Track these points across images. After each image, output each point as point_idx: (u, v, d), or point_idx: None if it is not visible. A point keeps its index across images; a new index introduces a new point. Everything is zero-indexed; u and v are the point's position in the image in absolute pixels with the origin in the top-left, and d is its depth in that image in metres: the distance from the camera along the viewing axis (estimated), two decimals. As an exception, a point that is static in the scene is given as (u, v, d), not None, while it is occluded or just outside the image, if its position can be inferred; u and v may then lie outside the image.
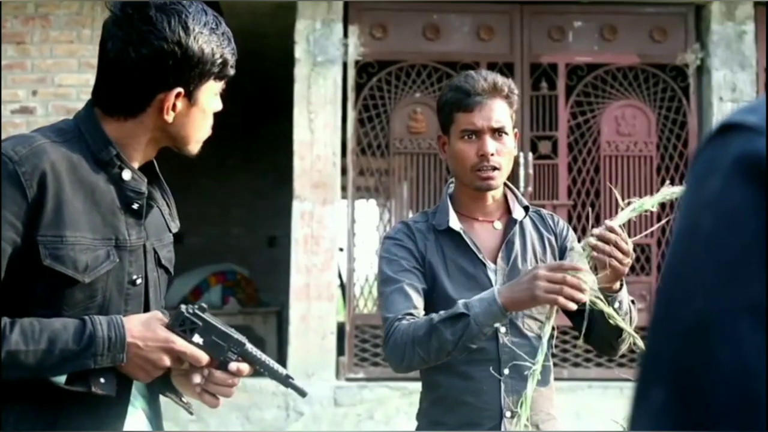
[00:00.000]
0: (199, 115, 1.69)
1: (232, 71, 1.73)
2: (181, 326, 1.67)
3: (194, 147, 1.74)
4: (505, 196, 2.42)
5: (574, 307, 2.04)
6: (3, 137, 5.87)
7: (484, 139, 2.28)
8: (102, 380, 1.59)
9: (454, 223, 2.34)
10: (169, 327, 1.66)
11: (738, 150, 0.61)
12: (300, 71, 5.77)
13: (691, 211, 0.64)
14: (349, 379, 5.66)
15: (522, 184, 5.77)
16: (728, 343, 0.57)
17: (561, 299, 2.02)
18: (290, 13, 5.84)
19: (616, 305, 2.22)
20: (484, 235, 2.37)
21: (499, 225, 2.39)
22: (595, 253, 2.14)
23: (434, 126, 5.91)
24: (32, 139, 1.60)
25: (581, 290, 2.02)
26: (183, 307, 1.68)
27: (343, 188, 5.96)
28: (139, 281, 1.68)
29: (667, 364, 0.61)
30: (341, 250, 5.99)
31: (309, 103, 5.77)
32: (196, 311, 1.68)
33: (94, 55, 6.62)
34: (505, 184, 2.40)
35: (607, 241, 2.15)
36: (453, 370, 2.25)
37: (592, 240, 2.16)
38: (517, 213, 2.39)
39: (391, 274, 2.30)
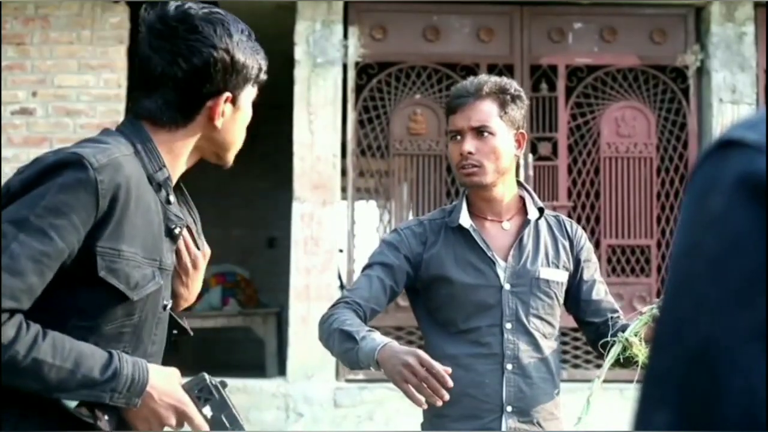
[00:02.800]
0: (241, 119, 1.75)
1: (265, 77, 1.78)
2: (199, 393, 1.65)
3: (232, 155, 1.79)
4: (520, 197, 2.49)
5: (422, 403, 2.06)
6: (3, 138, 5.86)
7: (465, 139, 2.37)
8: (106, 417, 1.56)
9: (465, 220, 2.42)
10: (186, 389, 1.64)
11: (739, 168, 0.60)
12: (300, 72, 5.77)
13: (692, 229, 0.63)
14: (348, 381, 5.66)
15: (525, 184, 5.77)
16: (737, 370, 0.57)
17: (410, 391, 2.04)
18: (290, 14, 5.84)
19: None
20: (495, 234, 2.44)
21: (508, 225, 2.46)
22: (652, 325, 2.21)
23: (434, 127, 5.92)
24: (109, 150, 1.59)
25: (438, 396, 2.04)
26: (207, 376, 1.67)
27: (343, 189, 5.96)
28: (168, 306, 1.70)
29: (672, 387, 0.60)
30: (341, 251, 5.99)
31: (309, 104, 5.77)
32: (218, 384, 1.67)
33: (94, 56, 6.59)
34: (521, 185, 2.50)
35: None
36: (457, 362, 2.30)
37: (658, 312, 2.19)
38: (532, 214, 2.45)
39: (374, 260, 2.43)
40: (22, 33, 5.79)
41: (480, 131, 2.37)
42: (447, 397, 2.04)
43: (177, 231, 1.69)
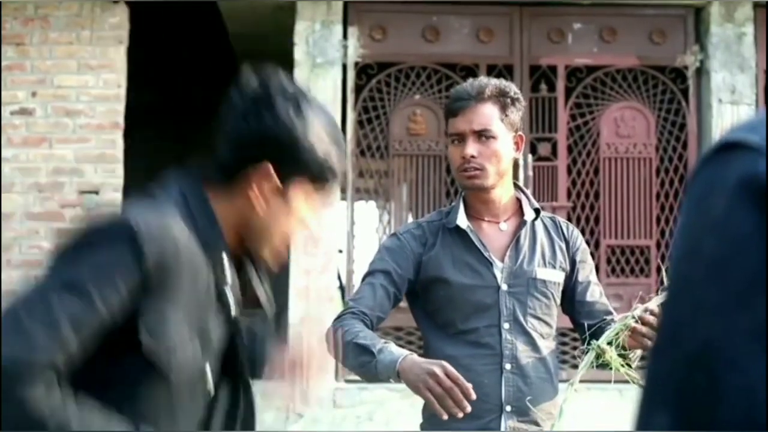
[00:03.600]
0: (285, 213, 1.59)
1: (332, 179, 1.62)
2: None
3: (266, 250, 1.63)
4: (517, 198, 2.51)
5: (443, 413, 2.09)
6: (3, 138, 5.86)
7: (467, 143, 2.38)
8: None
9: (462, 221, 2.43)
10: None
11: (741, 171, 0.60)
12: (299, 73, 5.77)
13: (693, 232, 0.63)
14: (348, 381, 5.66)
15: (521, 185, 5.77)
16: (736, 370, 0.57)
17: (435, 404, 2.07)
18: (290, 14, 5.84)
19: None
20: (492, 234, 2.46)
21: (505, 226, 2.48)
22: (629, 333, 2.21)
23: (433, 128, 5.92)
24: (160, 214, 1.51)
25: (461, 408, 2.07)
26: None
27: (343, 190, 5.95)
28: (212, 392, 1.58)
29: (672, 389, 0.60)
30: (340, 251, 5.99)
31: (308, 104, 5.76)
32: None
33: (94, 56, 6.60)
34: (517, 186, 2.51)
35: (646, 323, 2.21)
36: (456, 362, 2.30)
37: (631, 322, 2.22)
38: (528, 215, 2.47)
39: (376, 267, 2.43)
40: (22, 33, 5.79)
41: (481, 134, 2.38)
42: (469, 409, 2.07)
43: (234, 313, 1.58)
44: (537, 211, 2.49)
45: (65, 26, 5.78)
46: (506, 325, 2.38)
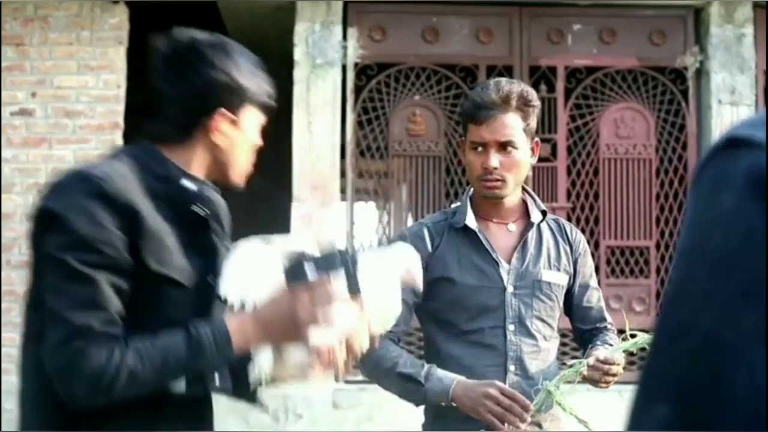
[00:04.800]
0: (244, 140, 1.81)
1: (271, 103, 1.85)
2: (294, 277, 1.70)
3: (238, 176, 1.85)
4: (523, 200, 2.51)
5: (503, 428, 2.22)
6: (3, 139, 5.85)
7: (490, 153, 2.37)
8: (217, 379, 1.67)
9: (471, 221, 2.44)
10: (287, 282, 1.73)
11: (749, 166, 0.60)
12: (299, 73, 5.77)
13: (698, 227, 0.62)
14: (348, 382, 5.66)
15: (527, 187, 5.77)
16: (742, 366, 0.56)
17: (497, 422, 2.20)
18: (289, 15, 5.84)
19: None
20: (499, 236, 2.46)
21: (513, 227, 2.48)
22: (585, 375, 2.34)
23: (433, 128, 5.92)
24: (113, 164, 1.70)
25: (522, 420, 2.21)
26: (298, 256, 1.71)
27: (342, 190, 5.96)
28: (224, 299, 1.73)
29: (672, 381, 0.60)
30: (340, 252, 5.98)
31: (308, 105, 5.77)
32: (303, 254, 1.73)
33: (94, 57, 6.58)
34: (523, 188, 2.51)
35: (598, 370, 2.32)
36: (459, 363, 2.32)
37: (584, 370, 2.33)
38: (535, 217, 2.48)
39: None
40: (22, 34, 5.79)
41: (505, 145, 2.37)
42: (529, 420, 2.20)
43: (202, 213, 1.76)
44: (543, 213, 2.49)
45: (65, 27, 5.78)
46: (511, 327, 2.38)
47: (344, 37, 5.86)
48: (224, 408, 2.03)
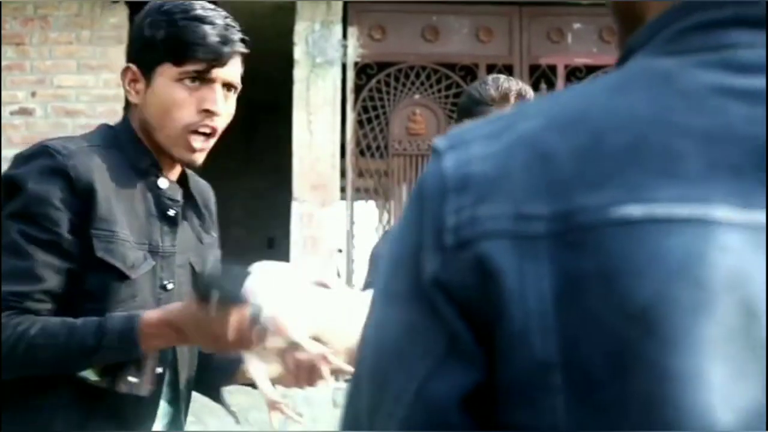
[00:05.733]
0: (157, 98, 1.65)
1: (196, 55, 1.64)
2: (202, 294, 1.65)
3: (163, 137, 1.67)
4: None
5: None
6: (3, 139, 5.85)
7: None
8: (132, 379, 1.59)
9: None
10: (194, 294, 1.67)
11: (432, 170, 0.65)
12: (299, 72, 5.78)
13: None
14: (348, 381, 5.66)
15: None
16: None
17: None
18: (289, 14, 5.84)
19: None
20: None
21: None
22: None
23: (433, 127, 5.92)
24: (80, 141, 1.66)
25: None
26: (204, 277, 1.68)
27: (342, 190, 5.96)
28: (170, 287, 1.68)
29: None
30: (340, 251, 5.99)
31: (308, 104, 5.77)
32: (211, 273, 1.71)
33: (94, 56, 6.56)
34: None
35: None
36: None
37: None
38: None
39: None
40: (22, 33, 5.79)
41: None
42: None
43: (172, 213, 1.69)
44: None
45: (65, 26, 5.78)
46: None
47: (344, 36, 5.86)
48: (224, 408, 2.03)
